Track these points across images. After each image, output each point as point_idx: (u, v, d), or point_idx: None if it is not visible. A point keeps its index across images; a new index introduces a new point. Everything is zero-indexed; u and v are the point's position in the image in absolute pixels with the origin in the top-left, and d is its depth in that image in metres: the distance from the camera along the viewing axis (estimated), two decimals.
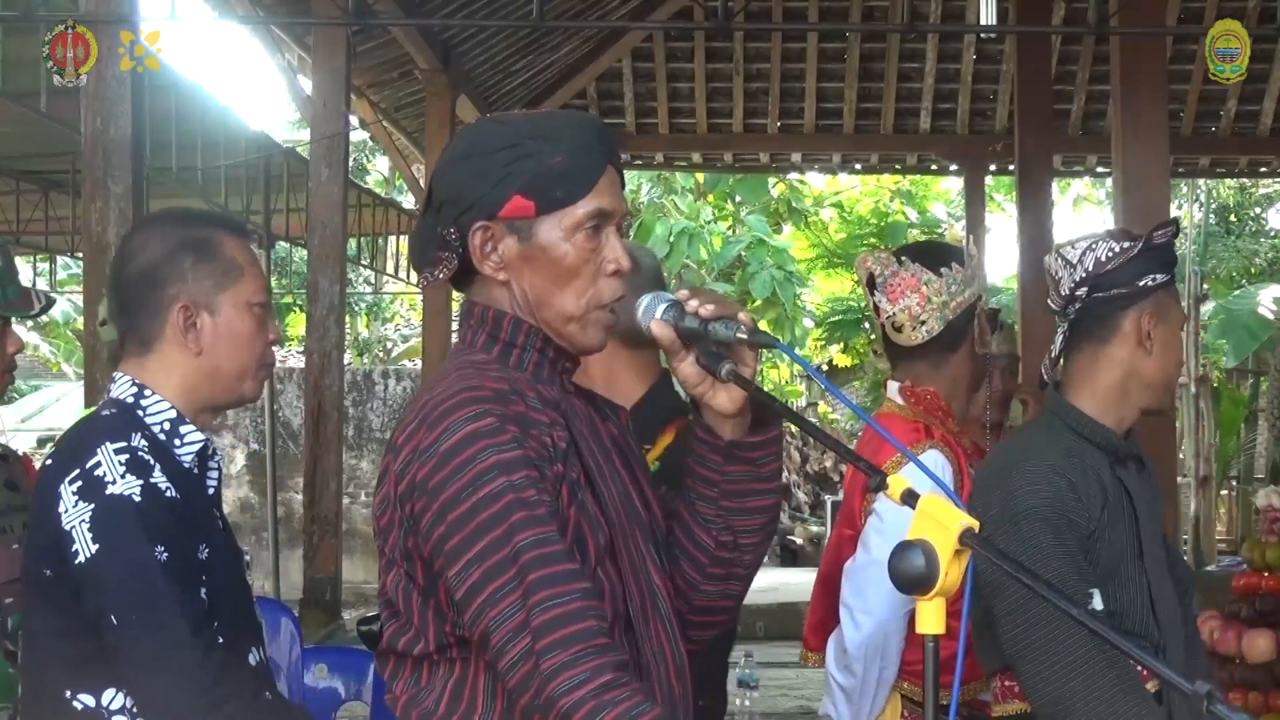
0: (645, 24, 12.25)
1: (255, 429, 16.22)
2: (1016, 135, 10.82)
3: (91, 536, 2.21)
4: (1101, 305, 2.61)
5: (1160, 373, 2.64)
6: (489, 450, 1.78)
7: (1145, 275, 2.60)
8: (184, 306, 2.39)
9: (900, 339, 3.10)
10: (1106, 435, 2.61)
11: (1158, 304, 2.62)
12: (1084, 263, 2.60)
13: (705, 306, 1.87)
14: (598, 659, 1.71)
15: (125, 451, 2.27)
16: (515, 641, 1.73)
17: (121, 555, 2.21)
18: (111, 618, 2.20)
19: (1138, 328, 2.61)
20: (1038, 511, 2.49)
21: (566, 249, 1.91)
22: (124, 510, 2.22)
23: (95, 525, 2.21)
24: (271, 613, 4.39)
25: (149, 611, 2.21)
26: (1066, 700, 2.38)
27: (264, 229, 11.15)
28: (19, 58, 6.80)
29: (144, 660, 2.20)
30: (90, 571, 2.21)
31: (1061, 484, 2.52)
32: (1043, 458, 2.56)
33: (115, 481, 2.23)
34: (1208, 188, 20.72)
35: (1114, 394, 2.63)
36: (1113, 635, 1.51)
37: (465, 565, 1.77)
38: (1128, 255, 2.58)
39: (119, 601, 2.20)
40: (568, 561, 1.77)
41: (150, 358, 2.41)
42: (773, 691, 8.68)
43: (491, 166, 1.91)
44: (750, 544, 2.03)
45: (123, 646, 2.21)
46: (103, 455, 2.25)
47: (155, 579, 2.22)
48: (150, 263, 2.41)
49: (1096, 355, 2.63)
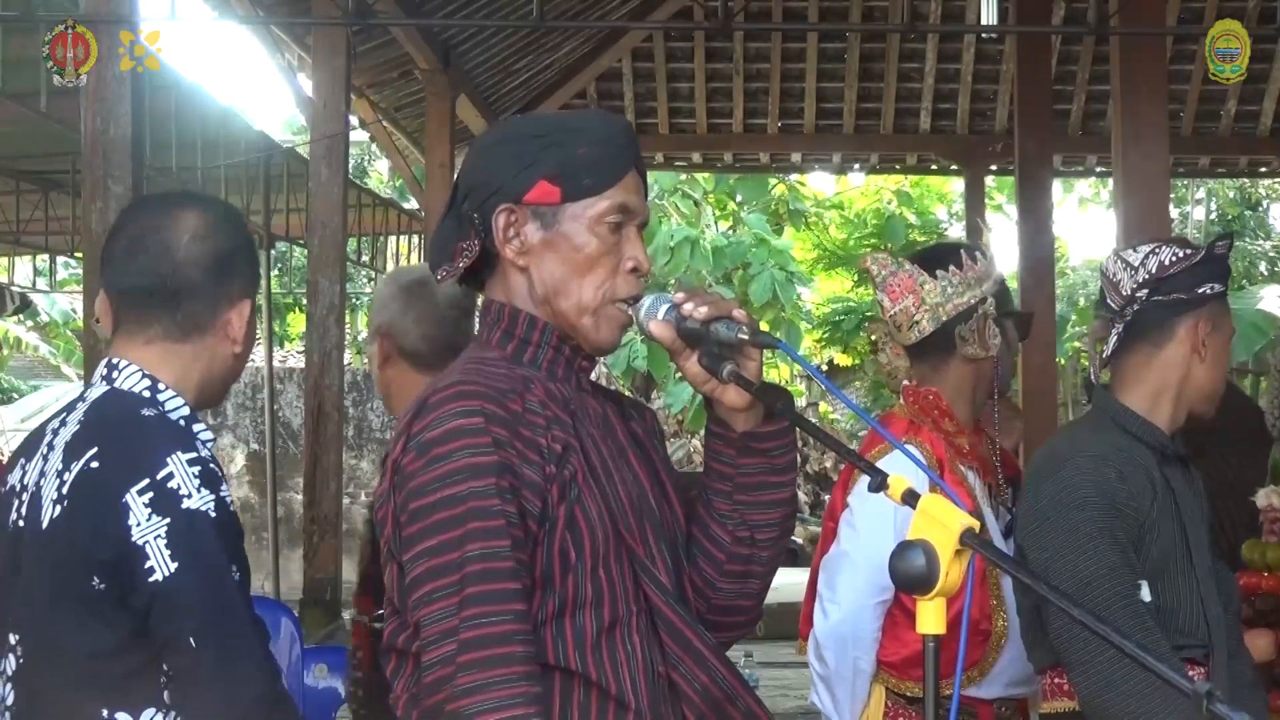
0: (645, 24, 12.25)
1: (255, 429, 16.24)
2: (1016, 135, 10.81)
3: (170, 554, 2.08)
4: (1160, 309, 2.67)
5: (1210, 380, 2.72)
6: (464, 451, 1.80)
7: (1204, 283, 2.67)
8: (249, 303, 2.30)
9: (900, 338, 3.16)
10: (1156, 434, 2.67)
11: (1213, 312, 2.69)
12: (1147, 266, 2.66)
13: (700, 308, 1.87)
14: (509, 689, 1.74)
15: (198, 463, 2.15)
16: (441, 645, 1.77)
17: (204, 575, 2.10)
18: (191, 640, 2.08)
19: (1194, 334, 2.67)
20: (1089, 502, 2.55)
21: (588, 239, 1.92)
22: (203, 527, 2.11)
23: (173, 542, 2.08)
24: (271, 613, 4.39)
25: (230, 635, 2.11)
26: (1112, 689, 2.42)
27: (264, 229, 11.15)
28: (19, 58, 6.79)
29: (215, 682, 2.09)
30: (170, 591, 2.08)
31: (1111, 474, 2.57)
32: (1093, 450, 2.62)
33: (191, 495, 2.11)
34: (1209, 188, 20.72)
35: (1165, 396, 2.70)
36: (1101, 628, 1.51)
37: (416, 555, 1.81)
38: (1190, 262, 2.65)
39: (201, 623, 2.09)
40: (509, 580, 1.79)
41: (180, 346, 2.26)
42: (773, 691, 8.68)
43: (521, 152, 1.94)
44: (767, 539, 2.03)
45: (196, 669, 2.09)
46: (175, 466, 2.12)
47: (235, 601, 2.13)
48: (228, 249, 2.27)
49: (1150, 357, 2.69)
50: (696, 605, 2.03)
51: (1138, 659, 1.48)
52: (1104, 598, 2.47)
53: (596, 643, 1.86)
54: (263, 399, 14.29)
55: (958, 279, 3.10)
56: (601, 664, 1.86)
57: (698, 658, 1.91)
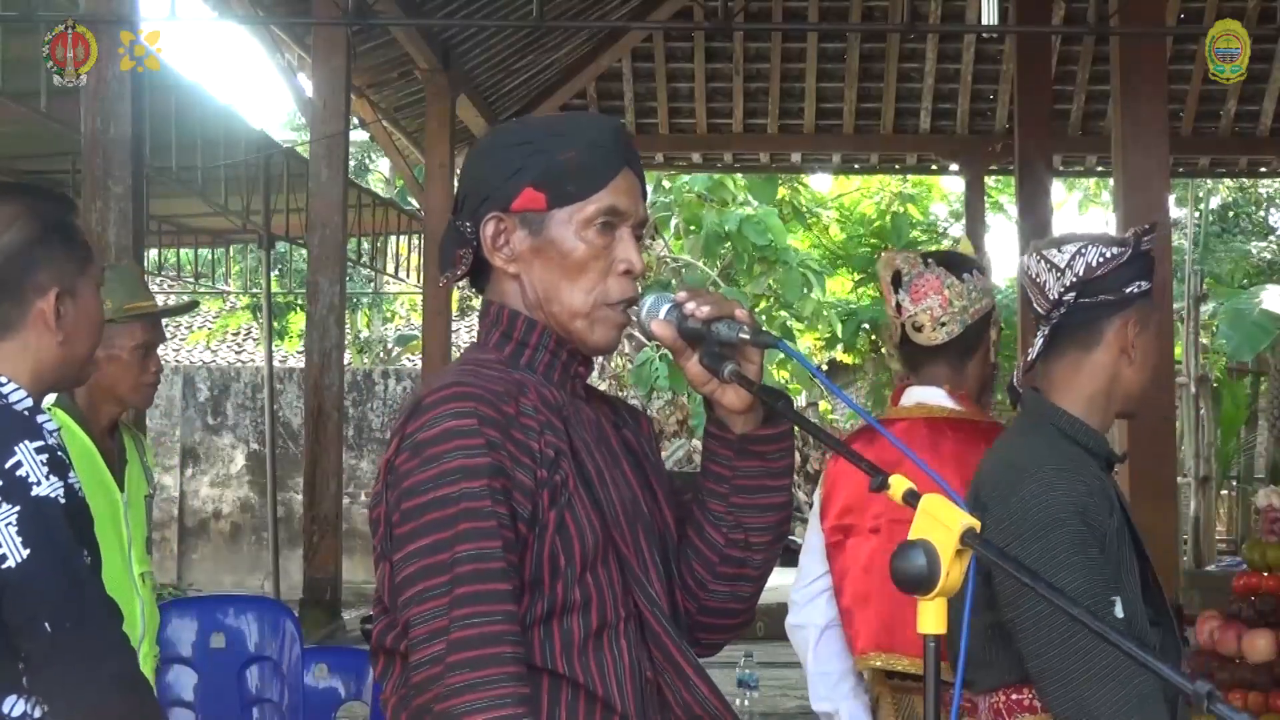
0: (645, 24, 12.25)
1: (255, 429, 16.25)
2: (1016, 135, 10.83)
3: (21, 541, 2.09)
4: (1087, 311, 2.57)
5: (1139, 381, 2.62)
6: (458, 452, 1.80)
7: (1132, 282, 2.57)
8: (60, 293, 2.27)
9: (920, 338, 3.14)
10: (1099, 440, 2.60)
11: (1140, 312, 2.59)
12: (1073, 268, 2.56)
13: (702, 308, 1.87)
14: (498, 689, 1.74)
15: (45, 451, 2.16)
16: (431, 644, 1.77)
17: (55, 561, 2.11)
18: (45, 624, 2.09)
19: (1122, 335, 2.57)
20: (1063, 519, 2.45)
21: (576, 243, 1.92)
22: (52, 513, 2.13)
23: (24, 529, 2.09)
24: (271, 613, 4.40)
25: (84, 619, 2.12)
26: (1090, 711, 2.36)
27: (264, 229, 11.15)
28: (19, 58, 6.79)
29: (73, 664, 2.11)
30: (22, 577, 2.08)
31: (1080, 488, 2.48)
32: (1054, 463, 2.52)
33: (40, 483, 2.12)
34: (1208, 188, 20.73)
35: (1099, 400, 2.60)
36: (1120, 641, 1.51)
37: (408, 555, 1.81)
38: (1118, 262, 2.54)
39: (55, 608, 2.10)
40: (500, 581, 1.79)
41: (4, 344, 2.25)
42: (773, 691, 8.68)
43: (507, 160, 1.94)
44: (761, 543, 2.03)
45: (52, 652, 2.10)
46: (23, 454, 2.13)
47: (86, 584, 2.16)
48: (21, 242, 2.25)
49: (1080, 361, 2.59)
50: (688, 606, 2.03)
51: (1149, 665, 1.48)
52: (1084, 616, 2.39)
53: (584, 646, 1.86)
54: (263, 399, 14.30)
55: (979, 285, 3.15)
56: (588, 667, 1.86)
57: (680, 675, 1.91)
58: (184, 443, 16.30)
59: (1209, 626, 5.34)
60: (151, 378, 3.57)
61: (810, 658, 3.21)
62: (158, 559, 14.58)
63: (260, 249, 12.13)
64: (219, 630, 4.28)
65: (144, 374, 3.54)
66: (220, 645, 4.24)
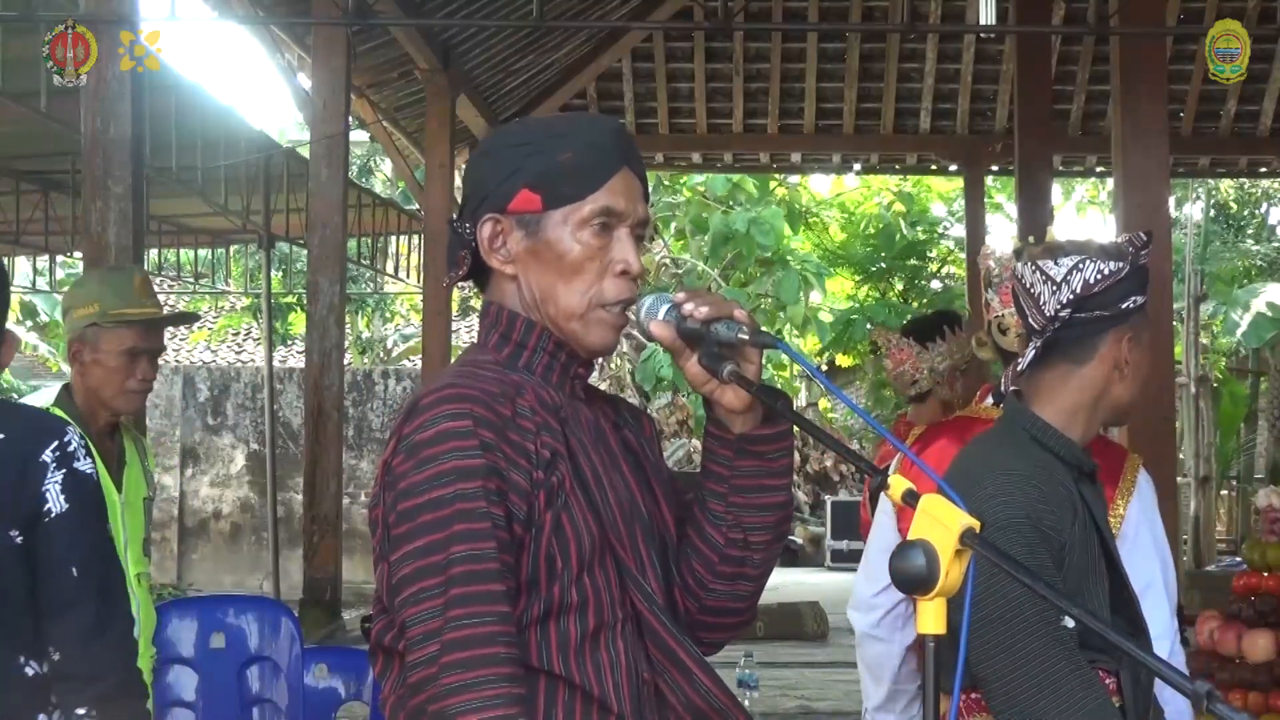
0: (645, 24, 12.25)
1: (255, 429, 16.25)
2: (1016, 135, 10.82)
3: (64, 498, 2.39)
4: (1082, 326, 2.53)
5: (1128, 395, 2.59)
6: (453, 453, 1.80)
7: (1128, 297, 2.53)
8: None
9: (1004, 341, 3.07)
10: (1073, 449, 2.56)
11: (1134, 327, 2.56)
12: (1070, 284, 2.51)
13: (701, 309, 1.87)
14: (493, 689, 1.75)
15: (82, 438, 2.49)
16: (426, 645, 1.77)
17: (89, 518, 2.43)
18: (73, 569, 2.37)
19: (1116, 351, 2.54)
20: (1012, 524, 2.42)
21: (571, 244, 1.92)
22: (91, 484, 2.46)
23: (66, 488, 2.40)
24: (271, 613, 4.39)
25: (107, 574, 2.44)
26: (1035, 718, 2.34)
27: (264, 229, 11.16)
28: (19, 58, 6.79)
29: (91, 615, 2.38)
30: (60, 524, 2.38)
31: (1034, 495, 2.45)
32: (1012, 467, 2.50)
33: (81, 460, 2.45)
34: (1208, 188, 20.72)
35: (1082, 412, 2.56)
36: (1121, 641, 1.51)
37: (403, 556, 1.82)
38: (1116, 278, 2.50)
39: (83, 557, 2.39)
40: (495, 582, 1.79)
41: None
42: (773, 691, 8.68)
43: (505, 161, 1.94)
44: (760, 543, 2.03)
45: (73, 599, 2.37)
46: (73, 436, 2.46)
47: (111, 546, 2.48)
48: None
49: (1069, 374, 2.56)
50: (688, 605, 2.03)
51: (1137, 655, 1.48)
52: (1030, 623, 2.34)
53: (580, 647, 1.86)
54: (263, 399, 14.30)
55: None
56: (585, 668, 1.86)
57: (683, 670, 1.91)
58: (184, 443, 16.30)
59: (1209, 627, 5.34)
60: (137, 384, 3.49)
61: (887, 674, 3.33)
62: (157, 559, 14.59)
63: (260, 249, 12.14)
64: (219, 630, 4.27)
65: (129, 379, 3.46)
66: (220, 645, 4.24)
